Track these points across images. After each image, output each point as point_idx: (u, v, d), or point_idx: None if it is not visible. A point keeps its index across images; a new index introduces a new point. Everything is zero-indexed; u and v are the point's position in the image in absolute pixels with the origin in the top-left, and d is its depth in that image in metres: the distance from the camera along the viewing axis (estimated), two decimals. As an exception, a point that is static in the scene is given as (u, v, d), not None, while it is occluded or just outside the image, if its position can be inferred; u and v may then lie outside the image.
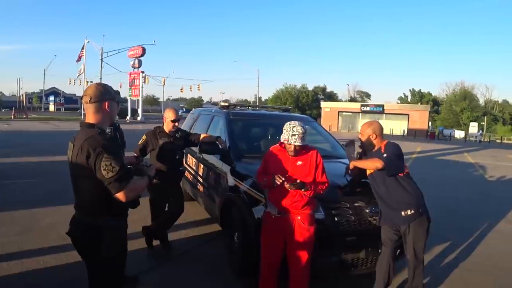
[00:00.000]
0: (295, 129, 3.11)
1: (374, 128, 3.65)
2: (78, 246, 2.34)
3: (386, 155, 3.41)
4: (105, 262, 2.29)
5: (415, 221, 3.45)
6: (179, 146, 4.70)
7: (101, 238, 2.22)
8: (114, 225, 2.28)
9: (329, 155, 5.03)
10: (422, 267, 3.64)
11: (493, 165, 17.30)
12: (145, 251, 4.60)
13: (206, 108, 7.44)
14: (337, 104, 61.00)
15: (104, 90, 2.31)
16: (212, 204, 4.95)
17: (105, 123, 2.31)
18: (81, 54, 45.43)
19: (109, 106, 2.32)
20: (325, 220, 3.50)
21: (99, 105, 2.28)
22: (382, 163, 3.39)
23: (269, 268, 3.34)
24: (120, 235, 2.39)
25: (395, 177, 3.49)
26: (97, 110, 2.28)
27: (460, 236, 5.95)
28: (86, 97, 2.27)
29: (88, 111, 2.30)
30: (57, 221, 5.32)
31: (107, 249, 2.23)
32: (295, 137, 3.09)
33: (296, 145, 3.11)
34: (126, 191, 2.18)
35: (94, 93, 2.27)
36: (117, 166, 2.13)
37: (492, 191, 10.74)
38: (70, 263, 4.01)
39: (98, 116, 2.29)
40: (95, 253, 2.24)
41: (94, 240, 2.22)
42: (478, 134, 48.09)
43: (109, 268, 2.36)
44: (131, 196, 2.24)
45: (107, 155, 2.12)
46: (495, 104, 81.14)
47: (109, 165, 2.11)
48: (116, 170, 2.12)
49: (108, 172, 2.10)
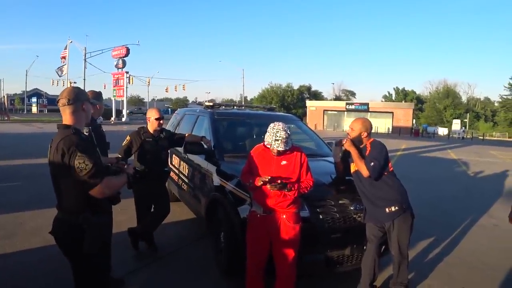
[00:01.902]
0: (278, 134, 3.10)
1: (366, 126, 3.69)
2: (62, 245, 2.38)
3: (373, 164, 3.44)
4: (87, 259, 2.32)
5: (399, 217, 3.50)
6: (163, 147, 4.67)
7: (83, 236, 2.26)
8: (95, 222, 2.31)
9: (314, 154, 5.08)
10: (406, 262, 3.69)
11: (476, 161, 17.59)
12: (131, 252, 4.57)
13: (191, 108, 7.41)
14: (322, 103, 61.34)
15: (80, 91, 2.41)
16: (197, 204, 4.94)
17: (81, 123, 2.40)
18: (64, 55, 44.86)
19: (83, 108, 2.39)
20: (310, 218, 3.52)
21: (77, 106, 2.35)
22: (368, 173, 3.45)
23: (256, 267, 3.34)
24: (101, 231, 2.41)
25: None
26: (75, 111, 2.35)
27: (444, 231, 6.04)
28: (63, 99, 2.34)
29: (65, 112, 2.36)
30: (42, 225, 5.23)
31: (88, 246, 2.27)
32: (278, 142, 3.09)
33: (279, 150, 3.13)
34: (101, 187, 2.24)
35: (71, 95, 2.35)
36: (90, 164, 2.19)
37: (475, 186, 10.92)
38: (55, 266, 3.94)
39: (75, 117, 2.36)
40: (77, 251, 2.28)
41: (76, 238, 2.27)
42: (461, 131, 48.85)
43: (92, 265, 2.39)
44: (108, 193, 2.32)
45: (80, 153, 2.19)
46: (477, 102, 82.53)
47: (82, 163, 2.17)
48: (89, 168, 2.18)
49: (81, 170, 2.18)
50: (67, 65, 44.26)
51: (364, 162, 3.49)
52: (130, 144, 4.51)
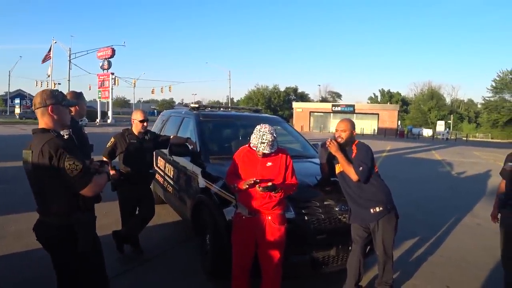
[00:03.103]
0: (264, 137, 3.10)
1: (354, 125, 3.76)
2: (51, 248, 2.38)
3: (362, 168, 3.47)
4: (83, 258, 2.36)
5: (384, 218, 3.53)
6: (148, 148, 4.63)
7: (74, 236, 2.30)
8: (86, 220, 2.37)
9: (299, 155, 5.09)
10: (391, 262, 3.72)
11: (460, 161, 17.86)
12: (116, 255, 4.50)
13: (176, 110, 7.36)
14: (309, 104, 61.71)
15: (47, 95, 2.36)
16: (183, 206, 4.91)
17: (56, 127, 2.38)
18: (48, 55, 44.31)
19: (53, 111, 2.36)
20: (295, 219, 3.52)
21: (44, 110, 2.35)
22: (357, 178, 3.47)
23: (241, 268, 3.33)
24: (91, 229, 2.48)
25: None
26: (44, 115, 2.36)
27: (429, 231, 6.11)
28: (33, 105, 2.40)
29: (38, 116, 2.39)
30: (24, 228, 5.13)
31: (83, 244, 2.32)
32: (264, 144, 3.10)
33: (265, 152, 3.14)
34: (91, 186, 2.28)
35: (37, 99, 2.36)
36: (80, 164, 2.23)
37: (459, 186, 11.08)
38: (39, 271, 3.88)
39: (46, 121, 2.36)
40: (70, 252, 2.31)
41: (68, 239, 2.30)
42: (445, 132, 49.58)
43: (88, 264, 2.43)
44: (97, 191, 2.36)
45: (69, 155, 2.21)
46: (461, 103, 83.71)
47: (72, 164, 2.20)
48: (80, 168, 2.22)
49: (72, 171, 2.20)
50: (51, 66, 43.70)
51: (353, 167, 3.50)
52: (114, 146, 4.47)
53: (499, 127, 59.61)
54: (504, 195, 3.77)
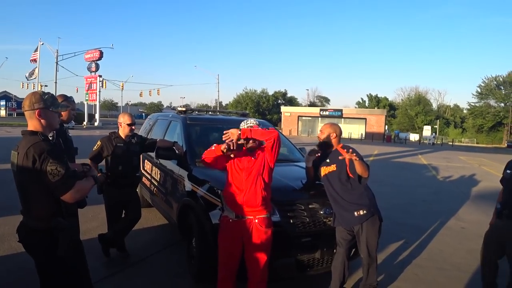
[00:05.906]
0: (249, 122, 3.46)
1: (334, 129, 3.81)
2: (33, 252, 2.38)
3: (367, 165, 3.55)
4: (63, 262, 2.35)
5: (368, 220, 3.58)
6: (135, 152, 4.62)
7: (55, 240, 2.28)
8: (66, 226, 2.34)
9: (285, 159, 5.12)
10: (375, 265, 3.77)
11: (445, 166, 18.06)
12: (102, 259, 4.48)
13: (163, 113, 7.35)
14: (297, 108, 61.84)
15: (35, 99, 2.35)
16: (169, 209, 4.90)
17: (44, 130, 2.37)
18: (34, 57, 43.83)
19: (40, 115, 2.35)
20: (280, 223, 3.55)
21: (31, 114, 2.34)
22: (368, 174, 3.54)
23: (227, 272, 3.34)
24: (72, 234, 2.45)
25: (348, 179, 3.60)
26: (30, 118, 2.35)
27: (413, 234, 6.19)
28: (22, 106, 2.38)
29: (27, 118, 2.38)
30: (8, 232, 5.09)
31: (62, 249, 2.30)
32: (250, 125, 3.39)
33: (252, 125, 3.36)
34: (72, 192, 2.26)
35: (26, 102, 2.35)
36: (62, 170, 2.21)
37: (444, 190, 11.21)
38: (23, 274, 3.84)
39: (34, 124, 2.35)
40: (51, 256, 2.30)
41: (49, 243, 2.29)
42: (431, 137, 50.12)
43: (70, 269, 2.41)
44: (78, 197, 2.33)
45: (52, 160, 2.20)
46: (447, 109, 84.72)
47: (54, 169, 2.19)
48: (62, 174, 2.20)
49: (54, 176, 2.19)
50: (38, 68, 43.22)
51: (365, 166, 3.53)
52: (101, 149, 4.45)
53: (484, 132, 60.65)
54: (500, 204, 3.78)
